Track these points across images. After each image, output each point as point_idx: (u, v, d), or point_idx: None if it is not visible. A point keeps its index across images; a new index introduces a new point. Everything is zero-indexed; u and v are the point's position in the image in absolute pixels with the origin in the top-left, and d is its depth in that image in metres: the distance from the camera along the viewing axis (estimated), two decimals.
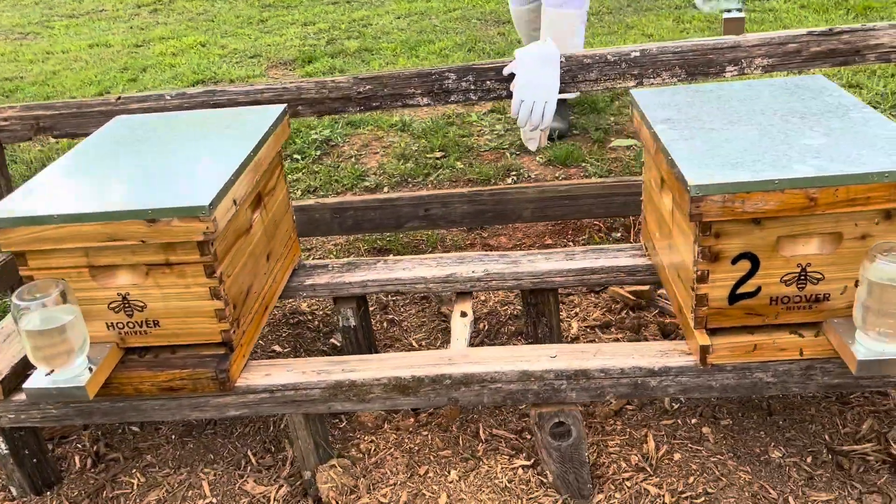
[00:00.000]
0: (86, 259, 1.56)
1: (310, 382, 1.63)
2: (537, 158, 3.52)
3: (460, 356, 1.66)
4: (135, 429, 2.00)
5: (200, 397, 1.64)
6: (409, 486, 1.74)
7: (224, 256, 1.60)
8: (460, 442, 1.87)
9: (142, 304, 1.59)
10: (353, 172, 3.55)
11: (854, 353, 1.40)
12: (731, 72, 2.33)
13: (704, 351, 1.52)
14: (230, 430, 1.96)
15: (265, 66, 5.36)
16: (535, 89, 2.27)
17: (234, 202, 1.60)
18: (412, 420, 1.93)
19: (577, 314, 2.32)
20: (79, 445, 1.95)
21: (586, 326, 2.25)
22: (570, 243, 2.76)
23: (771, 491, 1.66)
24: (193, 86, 4.96)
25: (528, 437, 1.87)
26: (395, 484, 1.75)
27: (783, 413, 1.86)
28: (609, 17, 5.63)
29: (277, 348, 2.27)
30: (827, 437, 1.77)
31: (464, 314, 1.93)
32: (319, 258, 2.84)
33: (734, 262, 1.48)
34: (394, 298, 2.49)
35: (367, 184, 3.46)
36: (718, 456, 1.77)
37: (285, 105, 2.00)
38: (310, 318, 2.41)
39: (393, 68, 4.19)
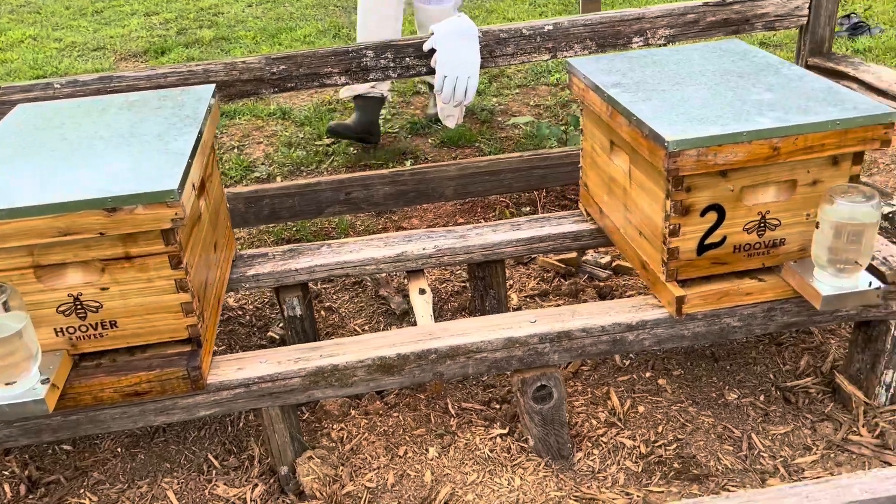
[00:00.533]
0: (30, 258, 1.39)
1: (289, 371, 1.55)
2: (429, 140, 3.53)
3: (441, 330, 1.64)
4: (67, 447, 1.82)
5: (167, 400, 1.52)
6: (392, 468, 1.70)
7: (187, 245, 1.48)
8: (432, 419, 1.85)
9: (96, 305, 1.44)
10: (239, 164, 3.40)
11: (818, 290, 1.53)
12: (638, 42, 2.45)
13: (680, 302, 1.59)
14: (182, 435, 1.83)
15: (113, 58, 5.00)
16: (459, 65, 2.28)
17: (193, 187, 1.49)
18: (378, 403, 1.89)
19: (512, 286, 2.35)
20: (5, 472, 1.74)
21: (525, 296, 2.29)
22: (482, 220, 2.79)
23: (734, 430, 1.77)
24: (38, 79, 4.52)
25: (498, 406, 1.88)
26: (378, 468, 1.70)
27: (728, 358, 1.99)
28: (469, 3, 5.72)
29: None
30: (772, 375, 1.92)
31: (422, 291, 1.91)
32: None
33: (703, 214, 1.56)
34: (324, 287, 2.41)
35: (257, 175, 3.32)
36: (679, 404, 1.86)
37: (214, 85, 1.88)
38: (240, 313, 2.29)
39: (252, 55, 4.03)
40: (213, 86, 1.87)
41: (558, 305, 2.24)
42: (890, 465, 1.64)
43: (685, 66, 1.83)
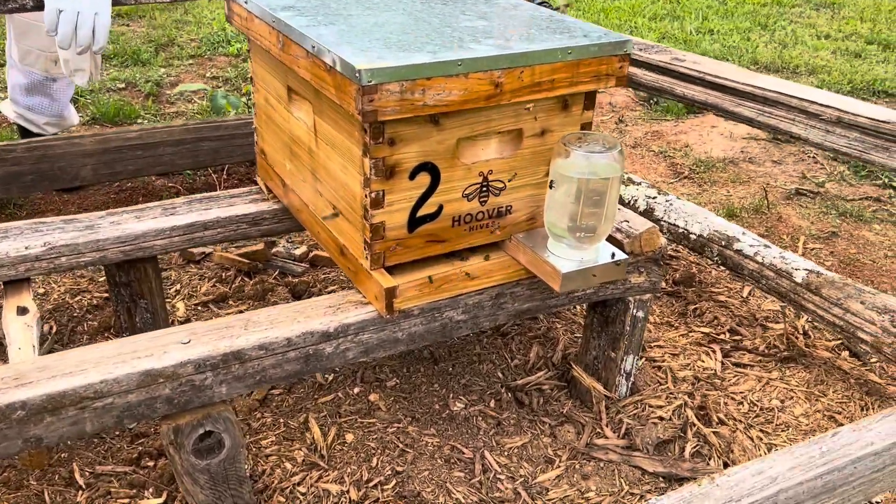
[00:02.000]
0: None
1: None
2: (80, 115, 2.80)
3: (35, 369, 1.05)
4: None
5: None
6: None
7: None
8: (47, 498, 1.24)
9: None
10: None
11: (556, 266, 1.20)
12: None
13: (390, 295, 1.17)
14: None
15: None
16: None
17: None
18: None
19: (179, 292, 1.79)
20: None
21: (197, 304, 1.75)
22: None
23: (464, 450, 1.41)
24: None
25: (152, 463, 1.33)
26: None
27: (450, 358, 1.63)
28: None
29: None
30: (500, 374, 1.59)
31: (23, 310, 1.29)
32: None
33: (412, 176, 1.16)
34: None
35: None
36: (396, 425, 1.46)
37: None
38: None
39: None
40: None
41: (241, 312, 1.73)
42: (642, 469, 1.37)
43: None
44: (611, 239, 1.35)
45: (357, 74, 1.02)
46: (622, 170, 1.17)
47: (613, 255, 1.24)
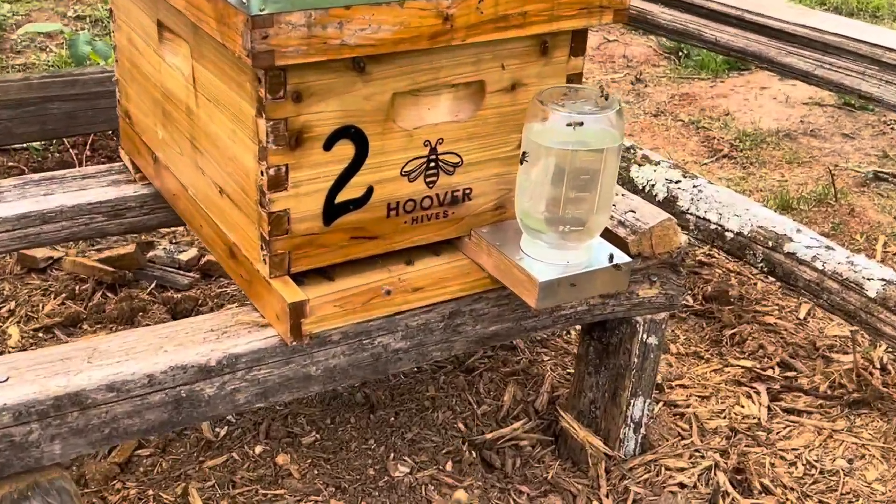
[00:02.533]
0: None
1: None
2: None
3: None
4: None
5: None
6: None
7: None
8: None
9: None
10: None
11: (531, 273, 1.17)
12: None
13: (298, 313, 1.14)
14: None
15: None
16: None
17: None
18: None
19: (14, 312, 1.76)
20: None
21: (36, 329, 1.72)
22: None
23: None
24: None
25: None
26: None
27: (392, 405, 1.61)
28: None
29: None
30: (462, 425, 1.58)
31: None
32: None
33: (328, 145, 1.14)
34: None
35: None
36: (314, 497, 1.45)
37: None
38: None
39: None
40: None
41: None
42: None
43: None
44: (609, 235, 1.33)
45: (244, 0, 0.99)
46: (622, 138, 1.16)
47: (612, 257, 1.23)
